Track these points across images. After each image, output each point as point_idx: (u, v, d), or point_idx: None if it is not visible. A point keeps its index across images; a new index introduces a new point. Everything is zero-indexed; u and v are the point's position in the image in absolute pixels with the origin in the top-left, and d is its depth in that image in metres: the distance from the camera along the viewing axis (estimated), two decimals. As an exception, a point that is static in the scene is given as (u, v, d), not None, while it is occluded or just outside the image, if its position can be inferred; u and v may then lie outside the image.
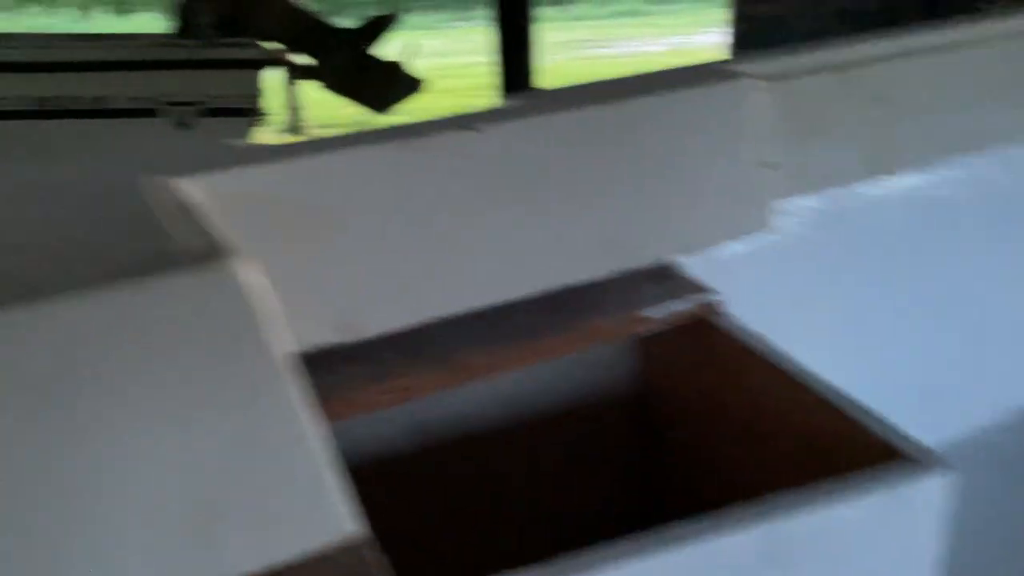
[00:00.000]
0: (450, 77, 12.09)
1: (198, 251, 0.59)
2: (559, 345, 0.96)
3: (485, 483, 1.13)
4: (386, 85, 4.92)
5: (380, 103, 5.14)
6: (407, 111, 6.40)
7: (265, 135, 5.11)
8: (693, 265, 1.09)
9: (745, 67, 1.14)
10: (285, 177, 0.84)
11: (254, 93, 4.53)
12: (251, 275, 0.58)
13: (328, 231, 0.86)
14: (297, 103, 9.01)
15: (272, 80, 4.81)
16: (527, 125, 0.94)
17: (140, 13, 17.49)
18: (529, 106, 1.00)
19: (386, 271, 0.90)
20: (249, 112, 4.50)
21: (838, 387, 0.90)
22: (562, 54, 13.62)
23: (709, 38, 14.29)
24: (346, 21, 5.33)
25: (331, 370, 0.90)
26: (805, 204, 1.22)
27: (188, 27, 4.64)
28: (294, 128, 9.09)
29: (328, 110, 9.72)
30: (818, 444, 0.92)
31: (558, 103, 0.99)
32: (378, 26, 4.88)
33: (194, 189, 0.77)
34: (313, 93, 5.90)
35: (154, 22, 16.66)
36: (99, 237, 0.67)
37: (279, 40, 4.74)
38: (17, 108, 4.20)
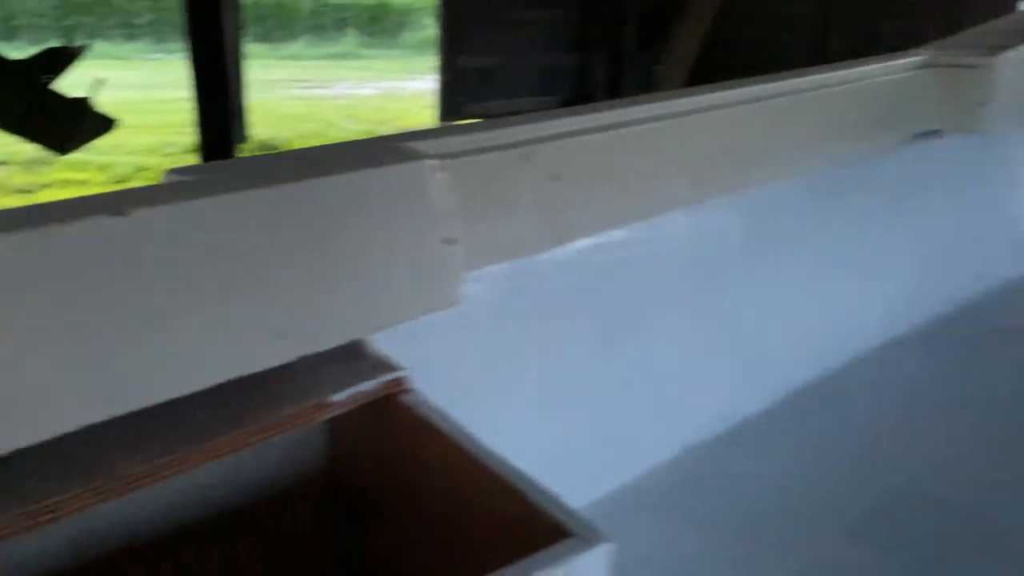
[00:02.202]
0: (148, 112, 11.28)
1: None
2: (231, 443, 0.88)
3: None
4: (69, 124, 4.44)
5: (62, 144, 4.63)
6: (99, 149, 5.84)
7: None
8: (384, 340, 1.07)
9: (426, 145, 1.15)
10: None
11: None
12: None
13: None
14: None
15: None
16: (186, 209, 0.86)
17: None
18: (189, 185, 0.92)
19: (18, 376, 0.78)
20: None
21: (512, 465, 0.91)
22: (274, 92, 13.31)
23: (420, 84, 14.71)
24: (19, 52, 4.79)
25: None
26: (491, 273, 1.27)
27: None
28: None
29: (1, 147, 8.71)
30: (498, 525, 0.91)
31: (225, 183, 0.92)
32: (59, 58, 4.40)
33: None
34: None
35: None
36: None
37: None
38: None
